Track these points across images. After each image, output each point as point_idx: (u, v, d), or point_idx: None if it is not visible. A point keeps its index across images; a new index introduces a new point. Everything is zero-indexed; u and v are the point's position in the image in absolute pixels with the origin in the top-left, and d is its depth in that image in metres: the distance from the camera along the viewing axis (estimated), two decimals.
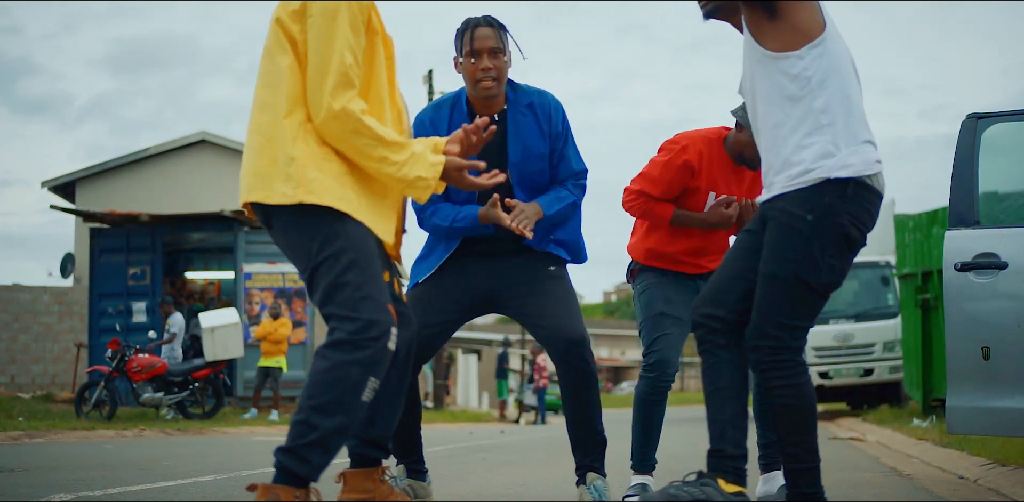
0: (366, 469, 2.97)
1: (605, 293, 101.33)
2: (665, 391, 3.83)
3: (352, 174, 2.72)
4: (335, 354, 2.61)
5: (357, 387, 2.59)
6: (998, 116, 4.45)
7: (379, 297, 2.67)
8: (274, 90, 2.70)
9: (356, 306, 2.63)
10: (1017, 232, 4.17)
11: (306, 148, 2.66)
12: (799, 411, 2.87)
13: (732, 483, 2.87)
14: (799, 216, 2.84)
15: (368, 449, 2.97)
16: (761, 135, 2.99)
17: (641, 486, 3.83)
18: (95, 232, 17.20)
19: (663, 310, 3.87)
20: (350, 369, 2.59)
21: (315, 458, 2.57)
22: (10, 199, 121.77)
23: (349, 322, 2.62)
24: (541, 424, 21.05)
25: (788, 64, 2.87)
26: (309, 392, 2.60)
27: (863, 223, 2.86)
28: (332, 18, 2.64)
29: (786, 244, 2.85)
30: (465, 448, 8.69)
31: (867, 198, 2.85)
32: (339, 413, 2.58)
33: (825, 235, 2.83)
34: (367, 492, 2.94)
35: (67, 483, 4.41)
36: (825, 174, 2.82)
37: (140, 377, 12.78)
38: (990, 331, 4.10)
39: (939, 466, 5.77)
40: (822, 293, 2.88)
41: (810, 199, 2.83)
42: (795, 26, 2.86)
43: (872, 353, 15.23)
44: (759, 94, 2.96)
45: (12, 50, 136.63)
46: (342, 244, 2.66)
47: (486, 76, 3.44)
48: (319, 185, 2.64)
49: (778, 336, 2.87)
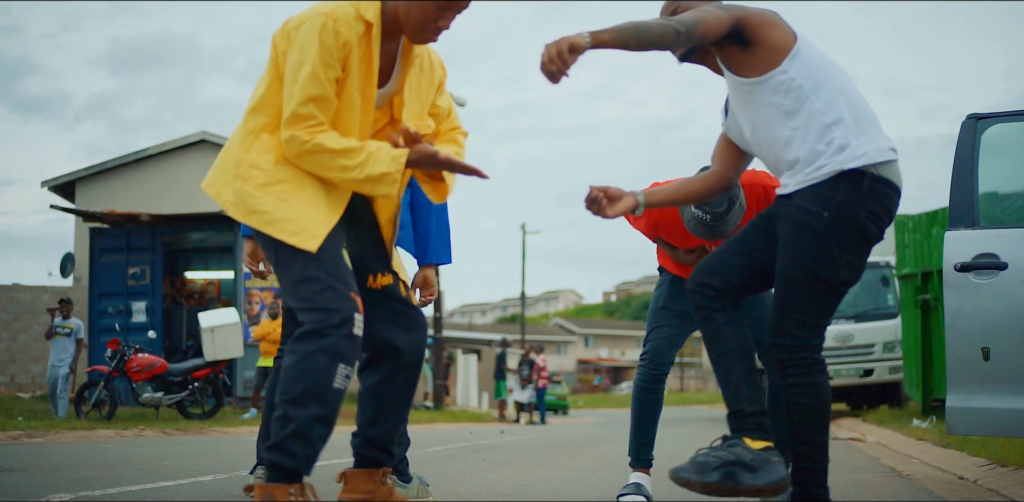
0: (368, 470, 2.97)
1: (605, 293, 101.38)
2: (659, 380, 3.92)
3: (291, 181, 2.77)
4: (299, 346, 2.65)
5: (326, 375, 2.63)
6: (998, 116, 4.44)
7: (340, 287, 2.70)
8: (253, 96, 2.84)
9: (316, 298, 2.67)
10: (1017, 233, 4.16)
11: (245, 155, 2.77)
12: (815, 409, 2.86)
13: (758, 439, 2.86)
14: (815, 213, 2.82)
15: (369, 449, 2.97)
16: (770, 157, 2.99)
17: (636, 485, 3.82)
18: (95, 232, 17.21)
19: (664, 304, 4.00)
20: (316, 358, 2.63)
21: (298, 449, 2.60)
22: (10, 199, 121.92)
23: (311, 313, 2.67)
24: (541, 424, 21.04)
25: (775, 82, 2.88)
26: (282, 388, 2.65)
27: (880, 218, 2.85)
28: (304, 48, 2.71)
29: (802, 242, 2.84)
30: (465, 448, 8.68)
31: (884, 192, 2.83)
32: (312, 403, 2.61)
33: (842, 232, 2.81)
34: (367, 493, 2.94)
35: (67, 483, 4.41)
36: (838, 167, 2.80)
37: (140, 377, 12.78)
38: (990, 331, 4.10)
39: (939, 466, 5.77)
40: (841, 289, 2.88)
41: (825, 195, 2.82)
42: (769, 46, 2.88)
43: (872, 353, 15.23)
44: (759, 125, 2.96)
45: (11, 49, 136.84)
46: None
47: None
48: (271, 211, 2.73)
49: (797, 334, 2.86)
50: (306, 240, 2.72)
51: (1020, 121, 4.50)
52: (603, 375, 70.56)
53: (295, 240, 2.71)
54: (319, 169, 2.75)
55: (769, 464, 2.80)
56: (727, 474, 2.79)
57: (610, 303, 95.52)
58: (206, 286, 20.42)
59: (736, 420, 2.92)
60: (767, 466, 2.80)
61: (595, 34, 2.71)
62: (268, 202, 2.73)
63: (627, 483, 3.86)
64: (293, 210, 2.74)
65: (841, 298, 2.91)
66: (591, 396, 57.46)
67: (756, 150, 3.05)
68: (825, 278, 2.84)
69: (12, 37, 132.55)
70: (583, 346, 72.98)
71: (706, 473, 2.81)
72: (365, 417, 2.96)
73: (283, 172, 2.76)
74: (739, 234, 3.06)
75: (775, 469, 2.79)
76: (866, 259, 2.90)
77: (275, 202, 2.73)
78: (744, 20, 2.88)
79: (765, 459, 2.81)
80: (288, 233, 2.72)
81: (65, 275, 19.88)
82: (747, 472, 2.79)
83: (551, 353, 62.87)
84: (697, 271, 3.04)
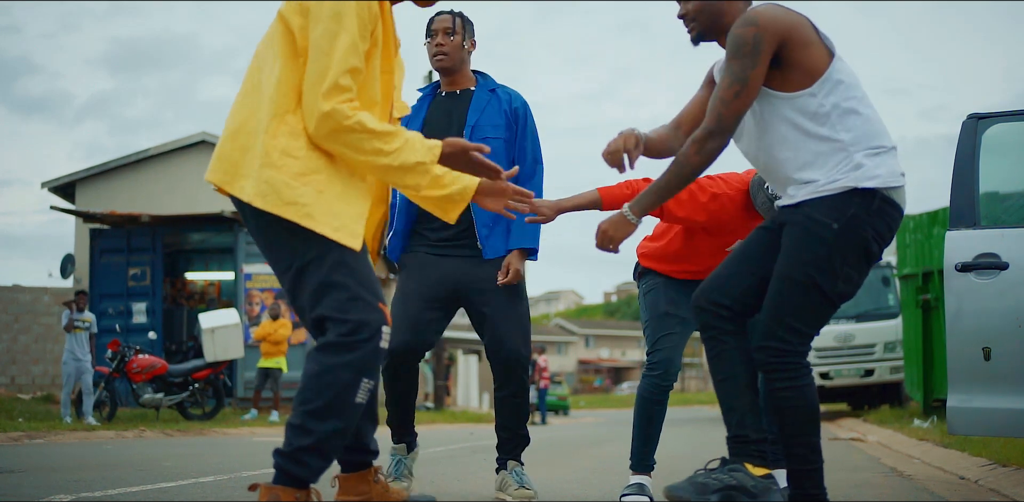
0: (359, 472, 2.93)
1: (605, 293, 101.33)
2: (667, 391, 3.86)
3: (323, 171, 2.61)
4: (325, 357, 2.57)
5: (350, 390, 2.56)
6: (999, 116, 4.44)
7: (369, 297, 2.61)
8: (260, 78, 2.65)
9: (346, 308, 2.58)
10: (1018, 232, 4.16)
11: (273, 141, 2.57)
12: (802, 412, 2.87)
13: (759, 466, 2.90)
14: (824, 223, 2.83)
15: (350, 454, 2.91)
16: (775, 170, 2.97)
17: (638, 486, 3.82)
18: (95, 233, 17.21)
19: (667, 310, 3.90)
20: (341, 372, 2.56)
21: (313, 462, 2.56)
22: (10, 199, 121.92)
23: (340, 324, 2.58)
24: (542, 424, 21.03)
25: (801, 103, 2.86)
26: (303, 396, 2.58)
27: (883, 238, 2.88)
28: (339, 19, 2.57)
29: (807, 249, 2.85)
30: (465, 448, 8.68)
31: (890, 214, 2.86)
32: (333, 417, 2.56)
33: (848, 245, 2.83)
34: (362, 494, 2.91)
35: (67, 484, 4.41)
36: (852, 184, 2.81)
37: (140, 378, 12.78)
38: (991, 331, 4.10)
39: (940, 466, 5.76)
40: (835, 302, 2.89)
41: (837, 208, 2.82)
42: (803, 68, 2.85)
43: (873, 354, 15.23)
44: (774, 139, 2.93)
45: (11, 49, 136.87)
46: (328, 243, 2.60)
47: (439, 51, 3.98)
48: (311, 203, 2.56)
49: (786, 339, 2.87)
50: (347, 237, 2.59)
51: (1021, 121, 4.50)
52: (604, 375, 70.55)
53: (338, 236, 2.58)
54: (351, 150, 2.58)
55: (769, 492, 2.84)
56: (726, 498, 2.82)
57: (611, 303, 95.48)
58: (206, 287, 20.42)
59: (738, 445, 2.94)
60: (767, 494, 2.84)
61: (635, 209, 3.02)
62: (307, 193, 2.56)
63: (629, 483, 3.86)
64: (331, 203, 2.59)
65: (833, 311, 2.92)
66: (592, 396, 57.45)
67: (756, 157, 3.02)
68: (823, 288, 2.84)
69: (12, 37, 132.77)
70: (584, 347, 72.95)
71: (705, 494, 2.83)
72: None
73: (315, 160, 2.58)
74: (744, 249, 3.06)
75: (774, 498, 2.84)
76: (864, 276, 2.91)
77: (314, 194, 2.56)
78: (788, 41, 2.82)
79: (766, 487, 2.85)
80: (331, 228, 2.57)
81: (65, 276, 19.86)
82: (747, 498, 2.83)
83: (552, 354, 62.82)
84: (708, 288, 3.02)
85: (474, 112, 3.97)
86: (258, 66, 2.69)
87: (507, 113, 3.99)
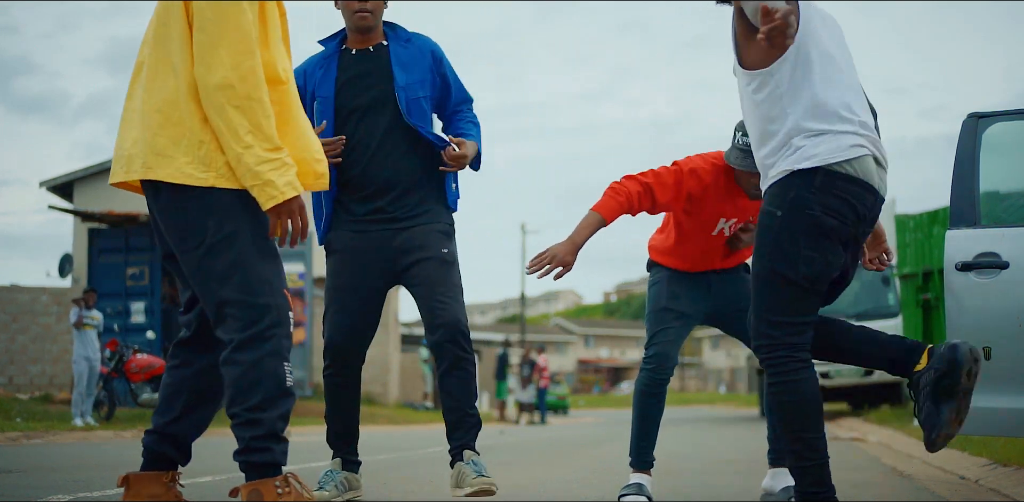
0: (156, 471, 2.77)
1: (605, 293, 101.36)
2: (663, 384, 3.89)
3: None
4: (243, 356, 2.55)
5: (279, 378, 2.57)
6: (999, 116, 4.43)
7: (275, 281, 2.61)
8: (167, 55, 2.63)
9: (253, 289, 2.56)
10: (1018, 232, 4.15)
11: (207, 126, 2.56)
12: (797, 408, 2.84)
13: None
14: (770, 212, 2.87)
15: (166, 447, 2.78)
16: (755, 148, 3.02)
17: (637, 485, 3.81)
18: (93, 232, 17.19)
19: (667, 305, 3.92)
20: (265, 364, 2.55)
21: (274, 445, 2.58)
22: (8, 199, 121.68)
23: (247, 309, 2.55)
24: (542, 424, 21.02)
25: (758, 83, 2.89)
26: (238, 400, 2.55)
27: (840, 212, 2.81)
28: None
29: (761, 242, 2.89)
30: None
31: (841, 187, 2.81)
32: (273, 407, 2.57)
33: (795, 227, 2.82)
34: (153, 497, 2.74)
35: (66, 484, 4.40)
36: (789, 167, 2.83)
37: (139, 377, 12.76)
38: (991, 331, 4.09)
39: (940, 466, 5.76)
40: (804, 285, 2.84)
41: (778, 194, 2.85)
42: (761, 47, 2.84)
43: None
44: (745, 113, 3.01)
45: (9, 49, 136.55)
46: (239, 223, 2.58)
47: (362, 8, 3.72)
48: (229, 169, 2.56)
49: (770, 334, 2.87)
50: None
51: (1021, 120, 4.49)
52: (602, 376, 70.53)
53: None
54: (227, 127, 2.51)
55: None
56: None
57: (610, 303, 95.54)
58: None
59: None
60: None
61: None
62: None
63: (628, 483, 3.85)
64: None
65: (813, 295, 2.88)
66: (591, 396, 57.48)
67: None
68: (785, 274, 2.83)
69: (10, 37, 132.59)
70: (583, 346, 72.99)
71: None
72: (171, 414, 2.79)
73: None
74: None
75: None
76: (832, 253, 2.86)
77: None
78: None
79: None
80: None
81: (64, 276, 19.86)
82: None
83: (551, 353, 62.84)
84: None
85: (399, 70, 3.75)
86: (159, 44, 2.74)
87: (431, 67, 3.79)
